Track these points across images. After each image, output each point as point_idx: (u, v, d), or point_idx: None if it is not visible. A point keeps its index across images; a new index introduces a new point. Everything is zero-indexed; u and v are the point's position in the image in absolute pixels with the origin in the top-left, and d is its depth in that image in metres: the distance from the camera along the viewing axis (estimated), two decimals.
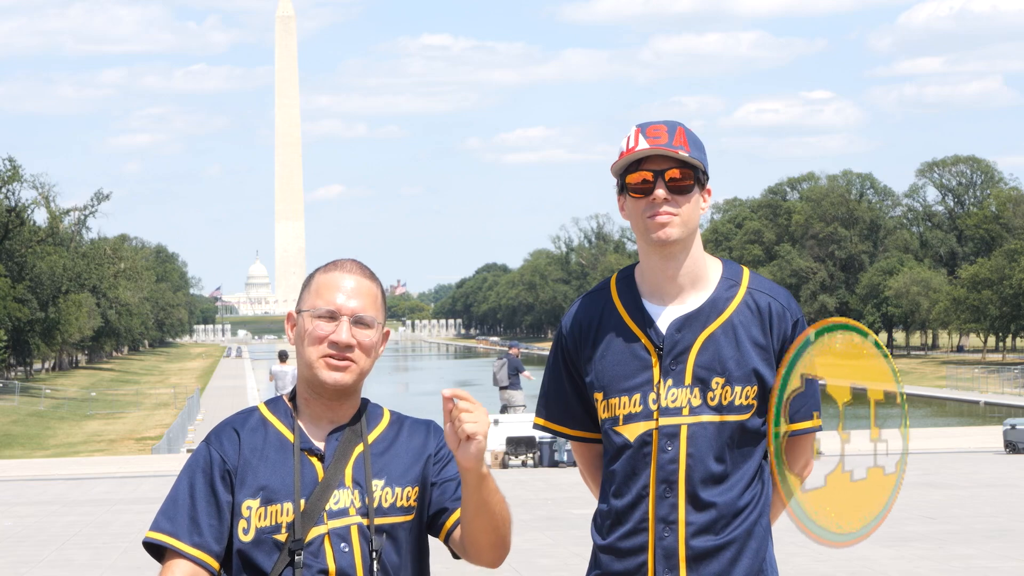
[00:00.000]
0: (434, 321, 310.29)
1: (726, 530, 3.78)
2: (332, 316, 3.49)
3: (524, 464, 25.97)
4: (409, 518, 3.54)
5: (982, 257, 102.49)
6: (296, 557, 3.40)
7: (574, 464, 24.70)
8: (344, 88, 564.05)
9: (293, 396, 3.58)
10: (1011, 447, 26.38)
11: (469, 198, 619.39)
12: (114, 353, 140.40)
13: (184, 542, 3.43)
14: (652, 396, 3.80)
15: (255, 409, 3.58)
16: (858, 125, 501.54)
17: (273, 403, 3.59)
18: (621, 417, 3.84)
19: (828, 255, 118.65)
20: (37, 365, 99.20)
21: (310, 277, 3.60)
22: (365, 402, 3.60)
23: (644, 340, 3.84)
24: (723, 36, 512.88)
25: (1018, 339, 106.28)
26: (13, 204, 75.31)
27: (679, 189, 3.80)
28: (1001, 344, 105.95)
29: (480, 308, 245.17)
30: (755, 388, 3.80)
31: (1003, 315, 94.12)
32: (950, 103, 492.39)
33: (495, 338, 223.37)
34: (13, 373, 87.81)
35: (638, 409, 3.81)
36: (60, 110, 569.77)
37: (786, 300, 3.89)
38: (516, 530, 18.32)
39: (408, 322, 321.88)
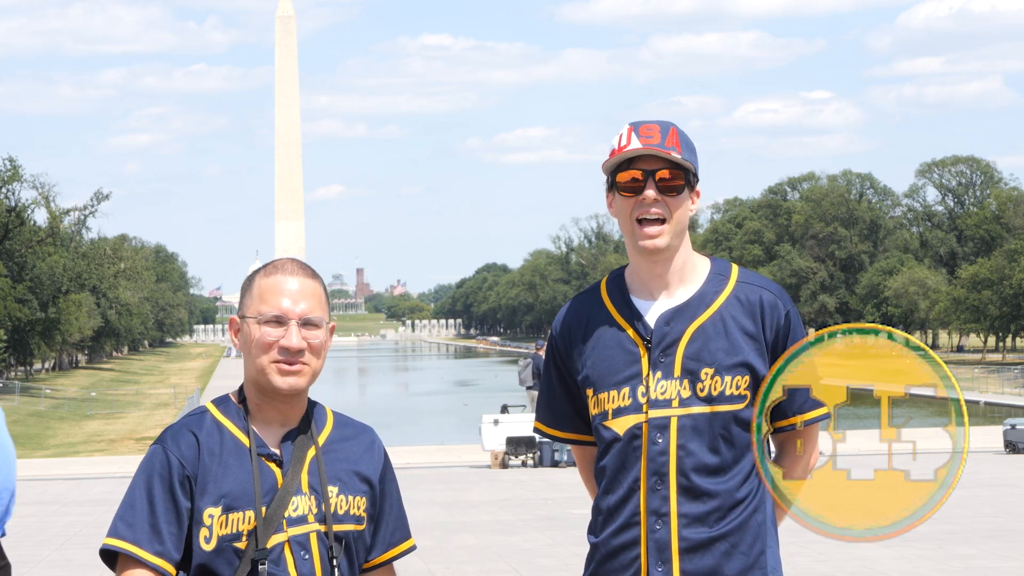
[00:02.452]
0: (434, 321, 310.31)
1: (720, 523, 3.76)
2: (279, 321, 3.43)
3: (524, 464, 25.96)
4: (360, 527, 3.51)
5: (982, 257, 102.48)
6: (260, 567, 3.35)
7: (574, 464, 24.68)
8: (344, 88, 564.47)
9: (243, 397, 3.51)
10: (1011, 447, 26.39)
11: (469, 198, 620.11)
12: (114, 353, 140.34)
13: (146, 550, 3.34)
14: (641, 389, 3.78)
15: (206, 410, 3.49)
16: (857, 125, 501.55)
17: (223, 404, 3.51)
18: (610, 411, 3.82)
19: (828, 255, 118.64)
20: (37, 365, 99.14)
21: (250, 280, 3.52)
22: (312, 403, 3.56)
23: (632, 334, 3.83)
24: (722, 36, 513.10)
25: (1018, 339, 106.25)
26: (13, 204, 75.26)
27: (669, 190, 3.79)
28: (1001, 344, 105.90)
29: (480, 308, 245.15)
30: (747, 378, 3.78)
31: (1003, 315, 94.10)
32: (950, 103, 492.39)
33: (495, 338, 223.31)
34: (13, 373, 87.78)
35: (627, 402, 3.80)
36: (60, 110, 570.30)
37: (777, 291, 3.88)
38: (516, 530, 18.13)
39: (408, 322, 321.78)
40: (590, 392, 3.86)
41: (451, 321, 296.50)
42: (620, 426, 3.80)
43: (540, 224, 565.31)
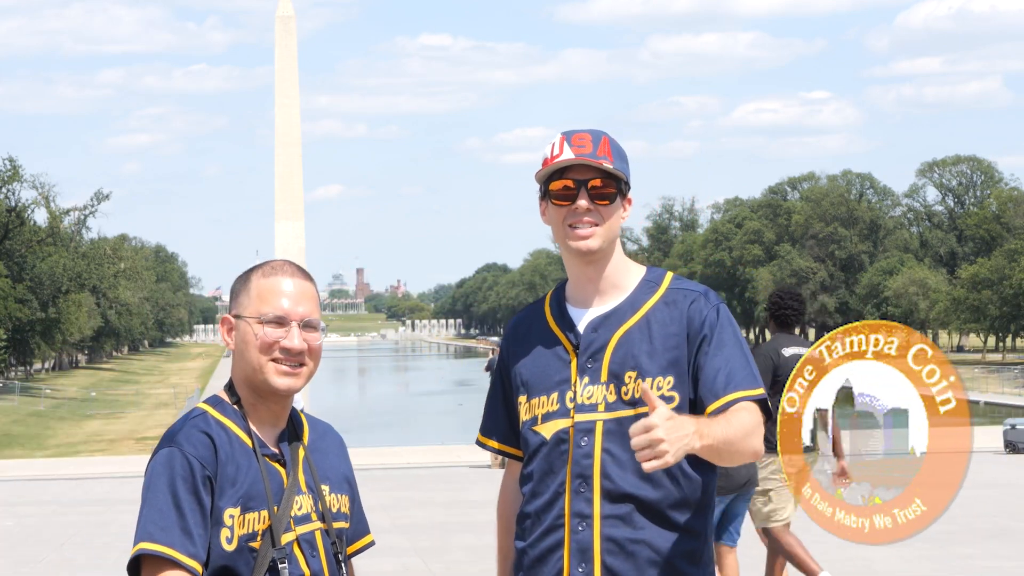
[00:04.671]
0: (434, 321, 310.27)
1: (644, 527, 3.77)
2: (280, 322, 3.44)
3: None
4: (347, 525, 3.57)
5: (982, 257, 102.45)
6: (281, 566, 3.37)
7: None
8: (344, 88, 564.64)
9: (237, 398, 3.50)
10: (1011, 447, 26.37)
11: (469, 198, 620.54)
12: (114, 353, 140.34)
13: (180, 552, 3.34)
14: (569, 394, 3.84)
15: (204, 412, 3.47)
16: (857, 125, 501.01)
17: (219, 405, 3.49)
18: (540, 416, 3.89)
19: (828, 255, 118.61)
20: (37, 365, 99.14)
21: (245, 280, 3.52)
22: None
23: (563, 340, 3.90)
24: (721, 36, 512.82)
25: (1018, 339, 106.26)
26: (13, 204, 75.29)
27: (601, 199, 3.85)
28: (1001, 344, 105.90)
29: (480, 308, 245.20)
30: (670, 379, 3.80)
31: (1003, 315, 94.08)
32: (949, 103, 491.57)
33: (495, 338, 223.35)
34: (13, 373, 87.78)
35: (555, 407, 3.86)
36: (60, 110, 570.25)
37: (704, 291, 3.92)
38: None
39: (408, 322, 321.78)
40: (522, 399, 3.93)
41: (451, 321, 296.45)
42: (548, 430, 3.86)
43: (540, 224, 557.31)
